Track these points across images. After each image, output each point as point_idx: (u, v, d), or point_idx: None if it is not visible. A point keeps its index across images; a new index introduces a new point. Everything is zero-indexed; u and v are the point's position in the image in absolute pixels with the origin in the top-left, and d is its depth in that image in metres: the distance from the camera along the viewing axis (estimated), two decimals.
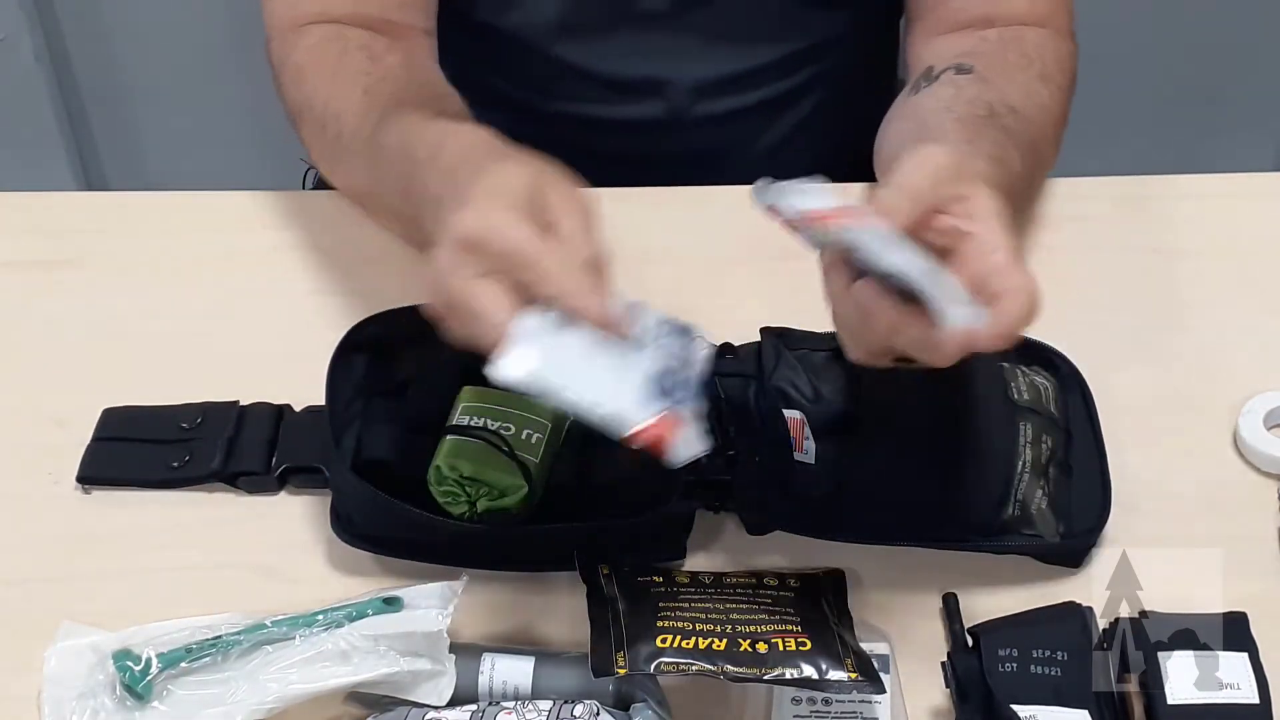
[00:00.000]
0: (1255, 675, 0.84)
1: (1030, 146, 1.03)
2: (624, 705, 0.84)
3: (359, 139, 1.05)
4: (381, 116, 1.03)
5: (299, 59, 1.13)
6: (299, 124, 1.13)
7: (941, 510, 0.92)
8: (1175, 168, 1.20)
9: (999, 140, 0.99)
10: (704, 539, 0.95)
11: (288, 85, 1.13)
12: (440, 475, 0.92)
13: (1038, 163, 1.06)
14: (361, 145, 1.05)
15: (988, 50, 1.11)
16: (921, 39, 1.17)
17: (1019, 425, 0.94)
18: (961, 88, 1.06)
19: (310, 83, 1.11)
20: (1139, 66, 2.00)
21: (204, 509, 0.99)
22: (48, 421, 1.03)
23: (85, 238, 1.16)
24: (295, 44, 1.13)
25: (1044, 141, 1.07)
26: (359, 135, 1.05)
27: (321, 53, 1.12)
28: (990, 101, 1.04)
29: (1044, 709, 0.83)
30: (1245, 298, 1.10)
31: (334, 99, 1.09)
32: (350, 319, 0.99)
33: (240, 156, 1.96)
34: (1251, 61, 2.02)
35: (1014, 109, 1.04)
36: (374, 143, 1.03)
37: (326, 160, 1.13)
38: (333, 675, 0.85)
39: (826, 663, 0.83)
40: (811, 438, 0.95)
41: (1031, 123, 1.05)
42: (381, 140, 1.02)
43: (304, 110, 1.11)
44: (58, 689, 0.87)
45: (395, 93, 1.06)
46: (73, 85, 2.04)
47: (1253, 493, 0.98)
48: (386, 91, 1.06)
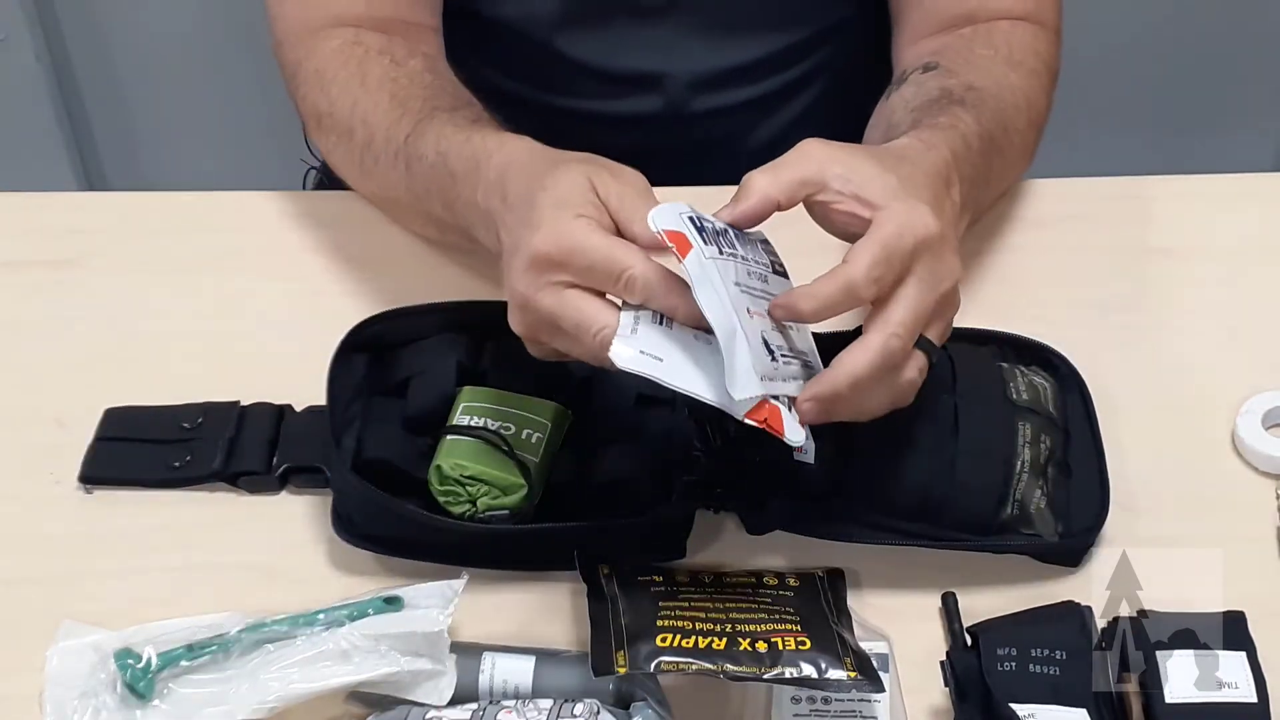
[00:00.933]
0: (1254, 675, 0.84)
1: (994, 115, 1.02)
2: (624, 704, 0.84)
3: (391, 147, 1.05)
4: (415, 125, 1.04)
5: (318, 65, 1.12)
6: (319, 130, 1.13)
7: (941, 510, 0.92)
8: (1174, 168, 1.20)
9: (953, 112, 0.99)
10: (704, 539, 0.95)
11: (307, 90, 1.13)
12: (440, 475, 0.92)
13: (1003, 129, 1.04)
14: (395, 154, 1.05)
15: (956, 45, 1.11)
16: (906, 43, 1.17)
17: (1018, 425, 0.94)
18: (923, 83, 1.06)
19: (334, 89, 1.10)
20: (1138, 66, 2.00)
21: (205, 509, 0.99)
22: (49, 421, 1.03)
23: (85, 238, 1.16)
24: (312, 49, 1.13)
25: (1013, 113, 1.06)
26: (391, 142, 1.05)
27: (344, 58, 1.11)
28: (947, 86, 1.04)
29: (1043, 708, 0.83)
30: (1244, 298, 1.10)
31: (360, 105, 1.08)
32: (350, 319, 0.99)
33: (240, 156, 1.96)
34: (1251, 61, 2.02)
35: (971, 86, 1.04)
36: (409, 152, 1.03)
37: (354, 167, 1.12)
38: (333, 675, 0.85)
39: (826, 662, 0.83)
40: (811, 437, 0.95)
41: (994, 96, 1.04)
42: (417, 150, 1.02)
43: (325, 117, 1.11)
44: (59, 688, 0.87)
45: (426, 98, 1.06)
46: (73, 85, 2.04)
47: (1251, 493, 0.98)
48: (416, 97, 1.06)
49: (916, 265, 0.84)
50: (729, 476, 0.94)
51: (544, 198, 0.86)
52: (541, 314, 0.84)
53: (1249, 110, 2.06)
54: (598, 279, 0.83)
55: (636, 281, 0.82)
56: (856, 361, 0.82)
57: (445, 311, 1.00)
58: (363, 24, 1.13)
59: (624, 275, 0.82)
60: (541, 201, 0.86)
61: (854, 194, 0.85)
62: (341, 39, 1.12)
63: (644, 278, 0.82)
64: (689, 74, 1.23)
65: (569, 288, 0.83)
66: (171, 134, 2.10)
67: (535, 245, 0.83)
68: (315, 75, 1.12)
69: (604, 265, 0.83)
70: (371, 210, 1.15)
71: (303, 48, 1.14)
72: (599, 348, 0.82)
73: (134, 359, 1.07)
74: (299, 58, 1.14)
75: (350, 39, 1.12)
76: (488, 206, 0.93)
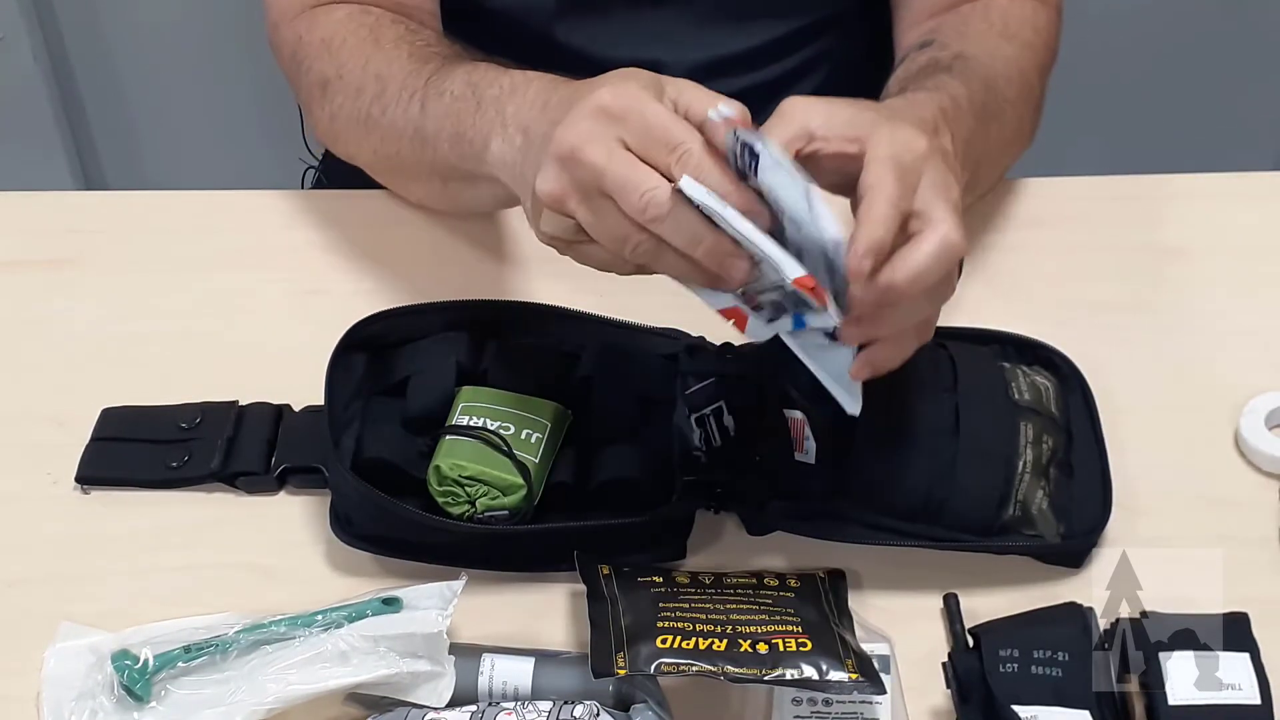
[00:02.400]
0: (1256, 675, 0.84)
1: (983, 83, 1.01)
2: (624, 706, 0.84)
3: (407, 91, 1.03)
4: (442, 66, 1.02)
5: (324, 34, 1.11)
6: (323, 97, 1.10)
7: (942, 511, 0.92)
8: (1174, 167, 1.20)
9: (938, 79, 0.98)
10: (704, 539, 0.95)
11: (312, 61, 1.11)
12: (440, 475, 0.92)
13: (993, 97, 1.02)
14: (411, 95, 1.02)
15: (953, 20, 1.11)
16: (906, 28, 1.16)
17: (1020, 426, 0.94)
18: (915, 59, 1.06)
19: (343, 53, 1.09)
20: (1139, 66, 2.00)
21: (203, 509, 0.99)
22: (47, 421, 1.03)
23: (85, 238, 1.16)
24: (315, 21, 1.12)
25: (1003, 83, 1.04)
26: (408, 88, 1.03)
27: (355, 24, 1.10)
28: (936, 57, 1.04)
29: (1045, 709, 0.83)
30: (1245, 298, 1.10)
31: (373, 61, 1.07)
32: (349, 319, 0.99)
33: (239, 156, 1.96)
34: (1251, 61, 2.01)
35: (960, 55, 1.03)
36: (427, 92, 1.01)
37: (358, 124, 1.08)
38: (332, 676, 0.85)
39: (827, 663, 0.83)
40: (812, 438, 0.95)
41: (984, 65, 1.03)
42: (440, 87, 1.00)
43: (333, 80, 1.09)
44: (57, 689, 0.87)
45: (451, 55, 1.05)
46: (73, 85, 2.04)
47: (1254, 493, 0.98)
48: (437, 55, 1.05)
49: (927, 170, 0.81)
50: (729, 476, 0.94)
51: (600, 83, 0.83)
52: (585, 167, 0.80)
53: (1249, 110, 2.06)
54: (653, 144, 0.79)
55: (693, 156, 0.79)
56: (918, 256, 0.79)
57: (444, 311, 1.00)
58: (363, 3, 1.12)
59: (680, 147, 0.79)
60: (597, 84, 0.83)
61: (838, 135, 0.83)
62: (348, 10, 1.12)
63: (700, 155, 0.79)
64: (687, 62, 1.22)
65: (621, 148, 0.80)
66: (170, 134, 2.10)
67: (597, 97, 0.80)
68: (321, 44, 1.11)
69: (662, 131, 0.79)
70: (371, 209, 1.15)
71: (303, 22, 1.13)
72: (646, 205, 0.78)
73: (132, 359, 1.07)
74: (299, 32, 1.13)
75: (358, 10, 1.11)
76: (519, 115, 0.90)
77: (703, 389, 0.98)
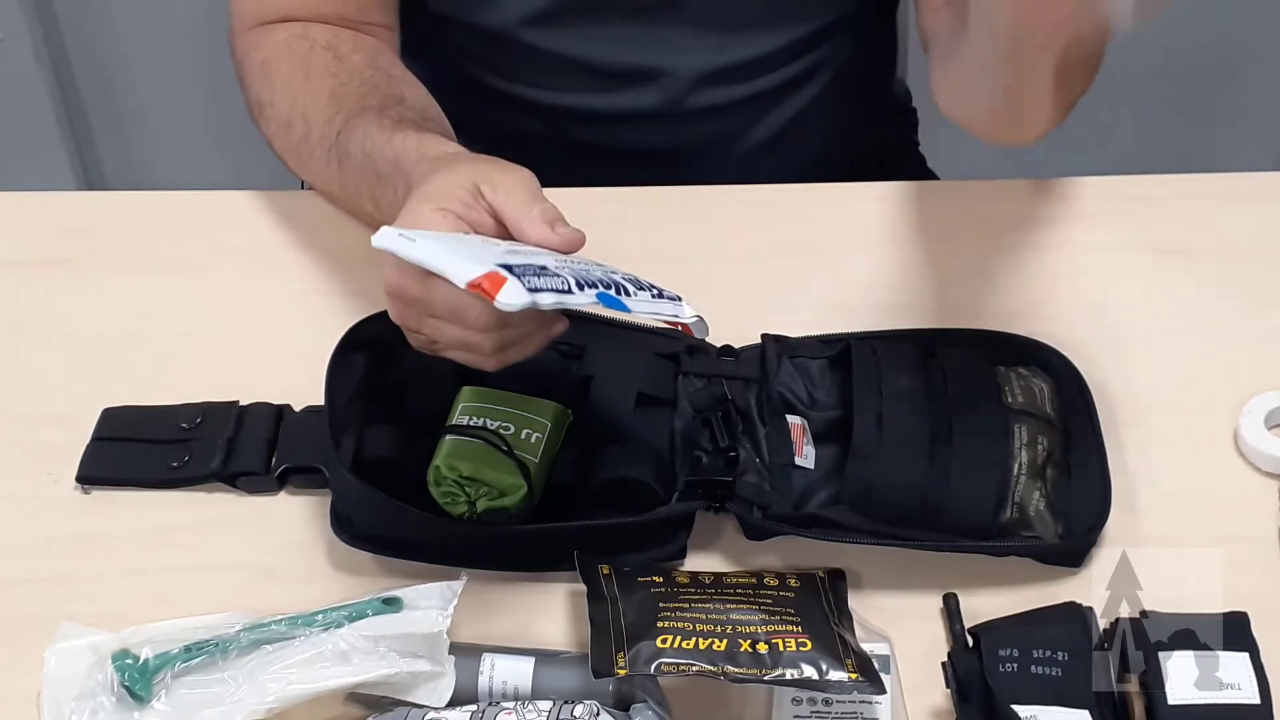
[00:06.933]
0: (1256, 675, 0.84)
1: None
2: (624, 706, 0.84)
3: (325, 144, 1.07)
4: (346, 123, 1.06)
5: (264, 56, 1.14)
6: (260, 119, 1.15)
7: (939, 516, 0.92)
8: (1175, 168, 1.20)
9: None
10: (704, 539, 0.95)
11: (252, 81, 1.15)
12: (440, 475, 0.92)
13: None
14: (329, 150, 1.07)
15: None
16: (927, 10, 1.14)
17: (1013, 428, 0.94)
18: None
19: (276, 81, 1.12)
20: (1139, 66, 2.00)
21: (204, 509, 0.99)
22: (47, 421, 1.03)
23: (85, 238, 1.16)
24: (258, 42, 1.15)
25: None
26: (325, 139, 1.07)
27: (289, 51, 1.13)
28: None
29: (1045, 709, 0.83)
30: (1245, 298, 1.10)
31: (300, 99, 1.10)
32: (350, 319, 0.99)
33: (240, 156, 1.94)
34: (1251, 61, 2.01)
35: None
36: (340, 150, 1.06)
37: (293, 158, 1.13)
38: (332, 676, 0.85)
39: (827, 663, 0.83)
40: (811, 442, 0.95)
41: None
42: (347, 148, 1.05)
43: (267, 106, 1.13)
44: (57, 689, 0.87)
45: (360, 97, 1.08)
46: (73, 85, 2.04)
47: (1253, 493, 0.98)
48: (352, 94, 1.08)
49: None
50: (729, 477, 0.94)
51: (419, 191, 0.89)
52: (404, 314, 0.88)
53: (1249, 110, 2.06)
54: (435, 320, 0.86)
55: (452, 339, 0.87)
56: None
57: None
58: (311, 19, 1.14)
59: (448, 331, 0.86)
60: (416, 195, 0.89)
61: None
62: (289, 32, 1.14)
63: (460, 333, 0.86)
64: (687, 70, 1.22)
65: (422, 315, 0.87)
66: (170, 134, 2.10)
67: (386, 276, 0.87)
68: (260, 66, 1.14)
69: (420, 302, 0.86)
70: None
71: (252, 38, 1.16)
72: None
73: (132, 358, 1.07)
74: (247, 48, 1.16)
75: (298, 33, 1.14)
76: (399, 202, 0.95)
77: (703, 389, 0.98)
